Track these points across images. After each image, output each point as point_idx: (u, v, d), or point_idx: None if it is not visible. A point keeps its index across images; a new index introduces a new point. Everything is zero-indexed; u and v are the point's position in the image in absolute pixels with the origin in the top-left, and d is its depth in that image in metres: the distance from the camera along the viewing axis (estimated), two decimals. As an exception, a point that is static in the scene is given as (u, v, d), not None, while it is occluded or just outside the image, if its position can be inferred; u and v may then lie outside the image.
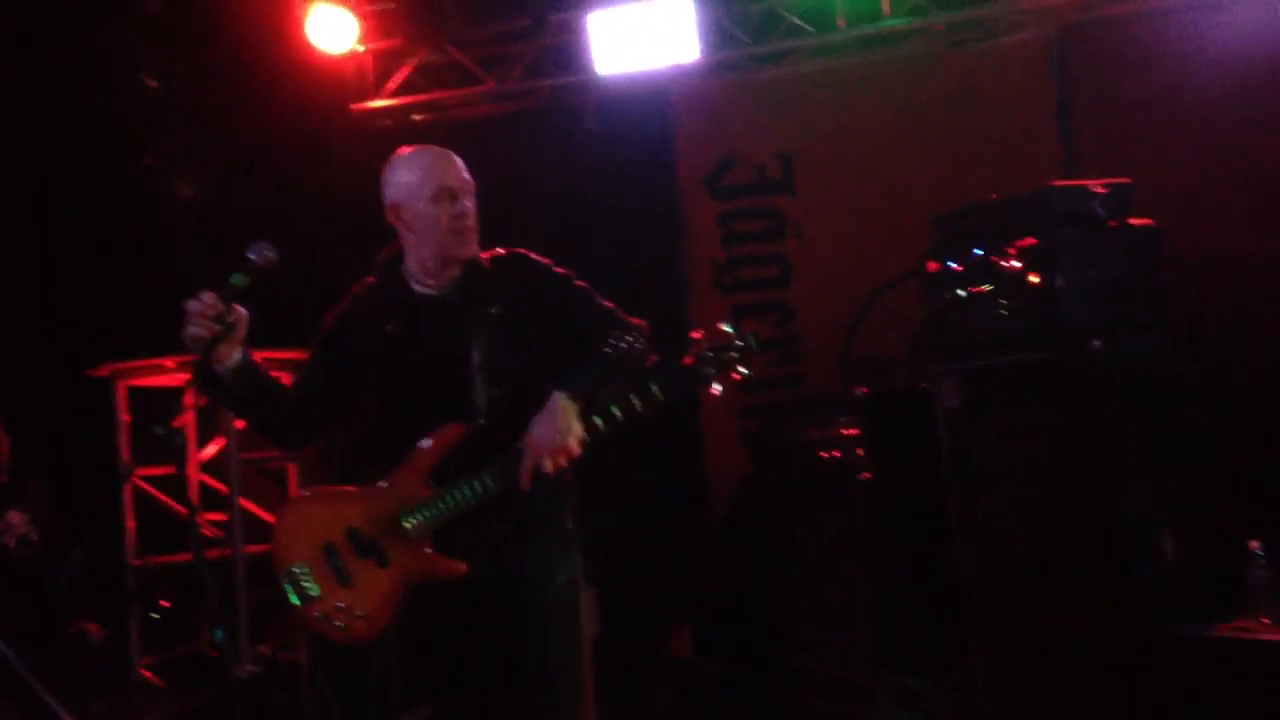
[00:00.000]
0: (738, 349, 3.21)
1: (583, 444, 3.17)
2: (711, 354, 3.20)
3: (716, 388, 3.21)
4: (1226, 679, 3.91)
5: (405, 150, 3.44)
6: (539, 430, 3.15)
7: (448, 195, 3.31)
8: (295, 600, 3.28)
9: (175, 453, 2.98)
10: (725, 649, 6.02)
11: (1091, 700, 4.32)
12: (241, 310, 3.14)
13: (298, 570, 3.28)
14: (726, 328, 3.22)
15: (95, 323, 6.86)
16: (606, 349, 3.24)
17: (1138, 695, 4.18)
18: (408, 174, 3.36)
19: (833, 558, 5.42)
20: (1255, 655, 3.87)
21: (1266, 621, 3.98)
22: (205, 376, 3.18)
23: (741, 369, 3.22)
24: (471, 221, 3.34)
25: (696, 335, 3.23)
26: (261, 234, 3.14)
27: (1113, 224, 4.51)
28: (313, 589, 3.27)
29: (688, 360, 3.20)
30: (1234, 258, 5.50)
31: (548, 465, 3.13)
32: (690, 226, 7.16)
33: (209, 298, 3.10)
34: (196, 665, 6.10)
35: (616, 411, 3.17)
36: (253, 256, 3.11)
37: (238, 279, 3.09)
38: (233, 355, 3.17)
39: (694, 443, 6.83)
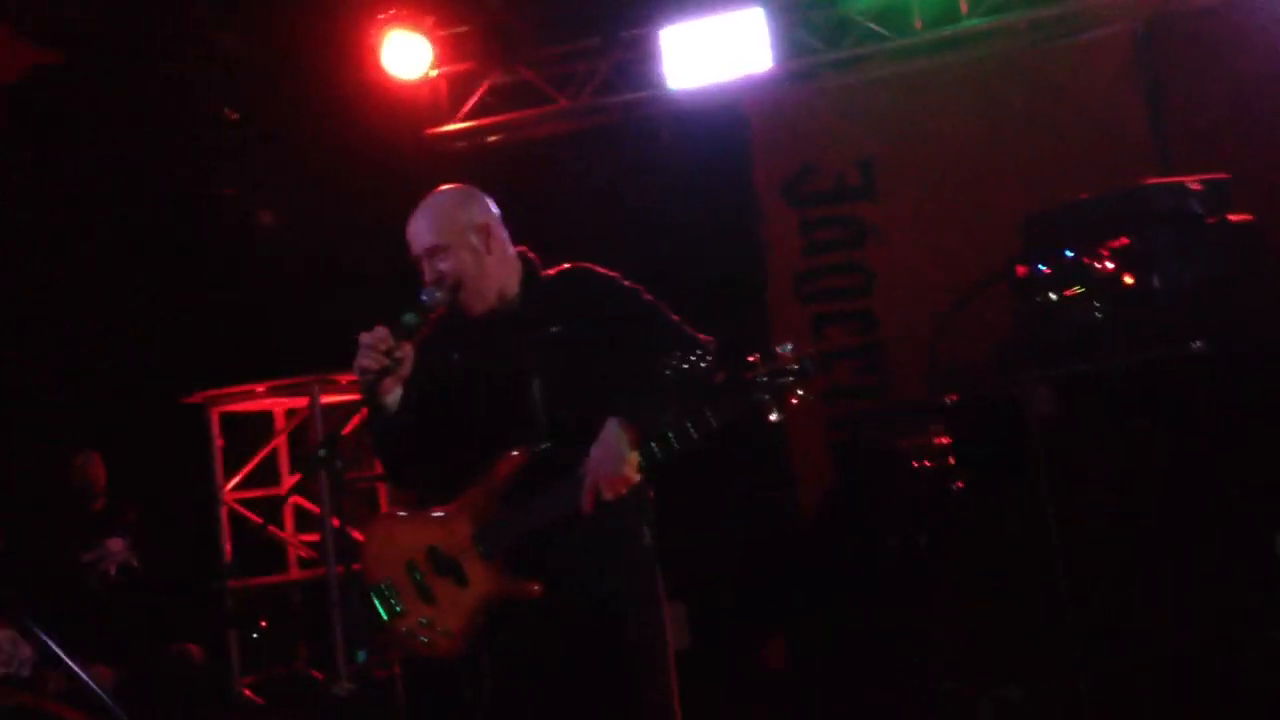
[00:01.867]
0: (794, 372, 3.13)
1: (640, 470, 3.14)
2: (765, 379, 3.13)
3: (775, 415, 3.13)
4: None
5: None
6: (596, 458, 3.15)
7: (419, 262, 3.33)
8: (383, 615, 3.32)
9: (336, 474, 3.05)
10: (818, 661, 5.93)
11: (1200, 710, 4.19)
12: (408, 347, 3.20)
13: (384, 587, 3.33)
14: (784, 349, 3.15)
15: (187, 350, 6.98)
16: (668, 370, 3.19)
17: (1248, 704, 4.04)
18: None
19: (926, 567, 5.32)
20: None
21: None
22: (371, 406, 3.24)
23: (800, 392, 3.13)
24: (448, 281, 3.27)
25: (752, 359, 3.16)
26: (343, 259, 3.15)
27: (1211, 221, 4.38)
28: (398, 605, 3.31)
29: (743, 384, 3.13)
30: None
31: (607, 493, 3.12)
32: (769, 237, 7.11)
33: (381, 332, 3.16)
34: (294, 684, 6.17)
35: (672, 439, 3.14)
36: (425, 299, 3.21)
37: (410, 319, 3.18)
38: (396, 390, 3.23)
39: (781, 453, 6.76)
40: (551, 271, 3.43)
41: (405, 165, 7.03)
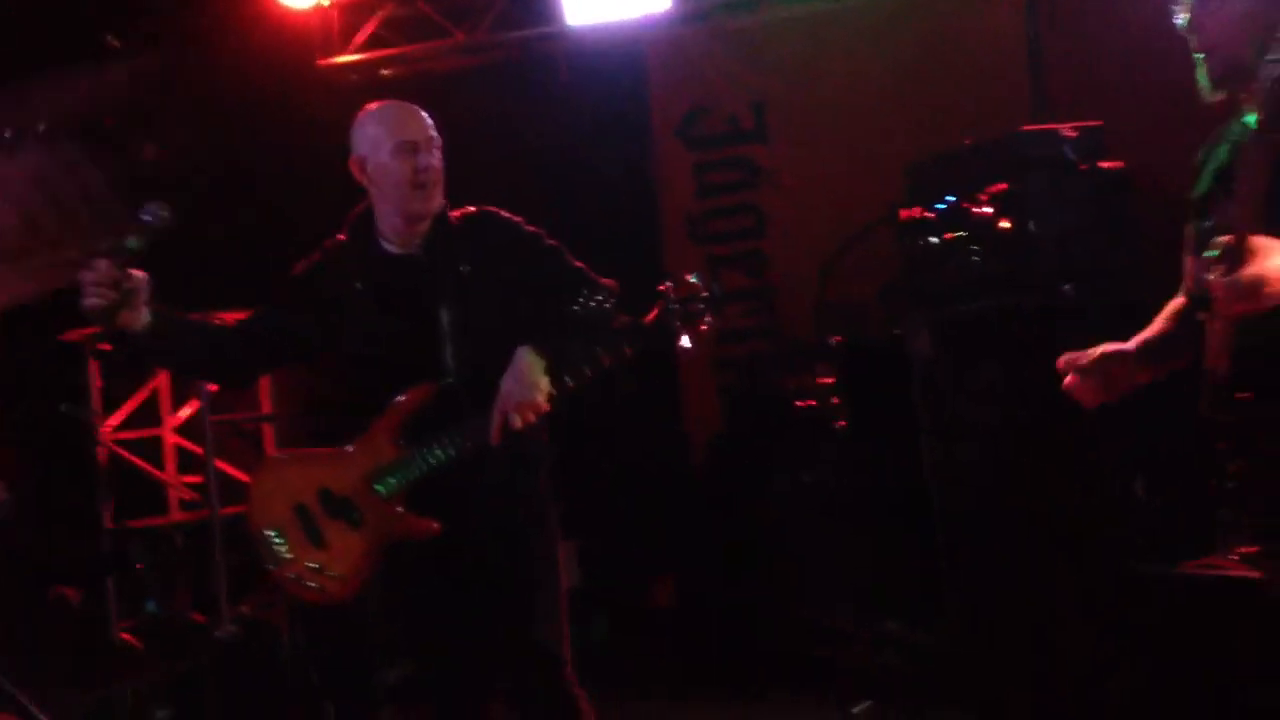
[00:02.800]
0: (704, 299, 3.21)
1: (551, 399, 3.17)
2: (678, 306, 3.20)
3: (685, 341, 3.21)
4: (1195, 615, 3.94)
5: (371, 106, 3.43)
6: (507, 386, 3.16)
7: (409, 149, 3.29)
8: (269, 561, 3.29)
9: (86, 425, 2.98)
10: (707, 599, 6.05)
11: (1065, 642, 4.37)
12: (139, 274, 3.09)
13: (271, 532, 3.31)
14: (692, 278, 3.22)
15: (65, 289, 6.78)
16: (575, 307, 3.23)
17: (1110, 635, 4.22)
18: (372, 128, 3.36)
19: (810, 506, 5.45)
20: (1221, 590, 3.89)
21: (1235, 558, 4.01)
22: (115, 341, 3.18)
23: (709, 319, 3.21)
24: (434, 175, 3.32)
25: (663, 288, 3.22)
26: (230, 192, 3.10)
27: (1083, 168, 4.50)
28: (286, 550, 3.29)
29: (654, 313, 3.20)
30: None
31: (516, 421, 3.14)
32: (664, 178, 7.13)
33: (103, 265, 3.04)
34: (175, 627, 6.11)
35: (585, 367, 3.18)
36: (146, 218, 3.05)
37: (131, 243, 3.04)
38: (139, 319, 3.12)
39: (672, 394, 6.83)
40: (456, 213, 3.42)
41: (296, 96, 6.89)
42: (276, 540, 3.30)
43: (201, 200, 6.81)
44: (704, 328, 3.23)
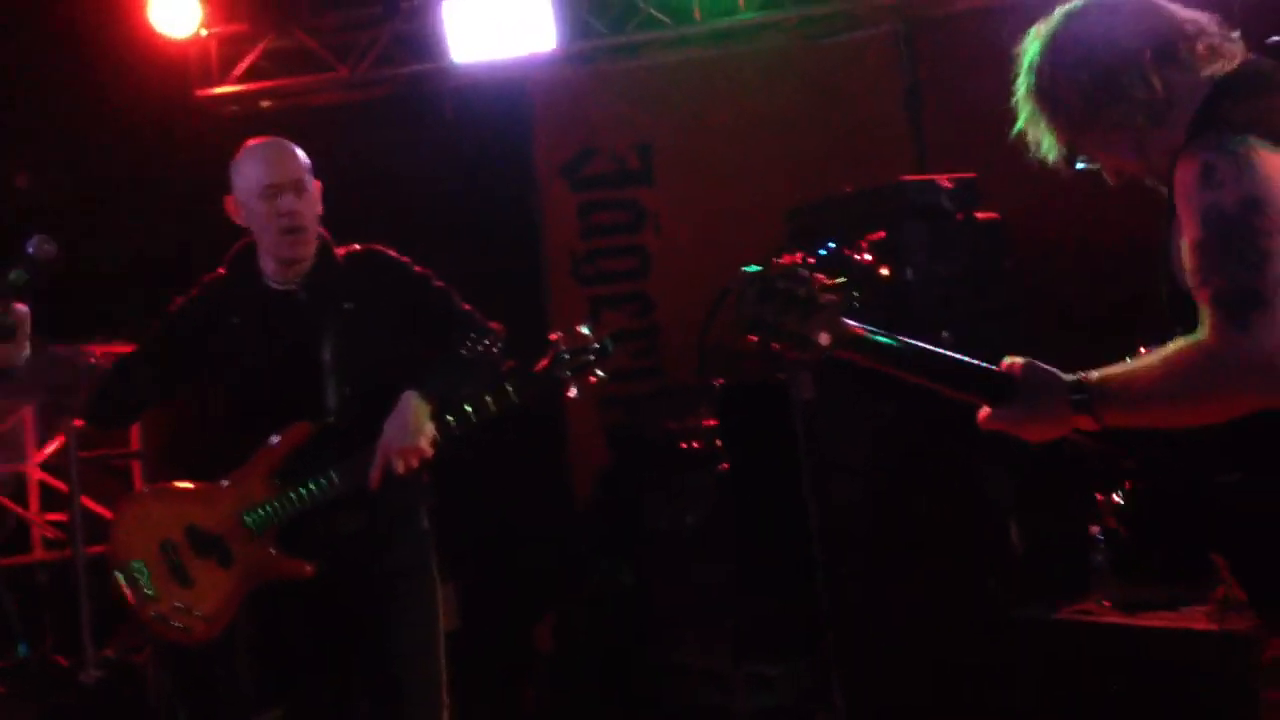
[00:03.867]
0: (595, 351, 3.21)
1: (435, 444, 3.14)
2: (568, 356, 3.19)
3: (573, 391, 3.20)
4: (1070, 659, 4.04)
5: (250, 143, 3.36)
6: (390, 430, 3.12)
7: (273, 192, 3.23)
8: (132, 599, 3.19)
9: None
10: (587, 641, 6.01)
11: (941, 683, 4.43)
12: (22, 308, 2.98)
13: (135, 567, 3.23)
14: (584, 330, 3.22)
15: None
16: (463, 351, 3.20)
17: (986, 677, 4.30)
18: (245, 168, 3.31)
19: (693, 548, 5.46)
20: (1095, 636, 4.01)
21: (1107, 604, 4.13)
22: None
23: (599, 372, 3.21)
24: (299, 220, 3.24)
25: (554, 337, 3.22)
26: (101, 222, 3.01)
27: (959, 217, 4.62)
28: (149, 588, 3.22)
29: (544, 363, 3.19)
30: (1076, 247, 5.67)
31: (399, 465, 3.11)
32: (548, 217, 7.13)
33: None
34: (39, 670, 5.87)
35: (470, 412, 3.15)
36: (31, 251, 2.93)
37: (16, 276, 2.91)
38: (20, 354, 3.00)
39: (556, 433, 6.81)
40: (342, 251, 3.37)
41: (172, 127, 6.75)
42: (140, 577, 3.21)
43: (78, 231, 6.63)
44: (593, 380, 3.22)
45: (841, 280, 4.65)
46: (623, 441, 6.17)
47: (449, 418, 3.15)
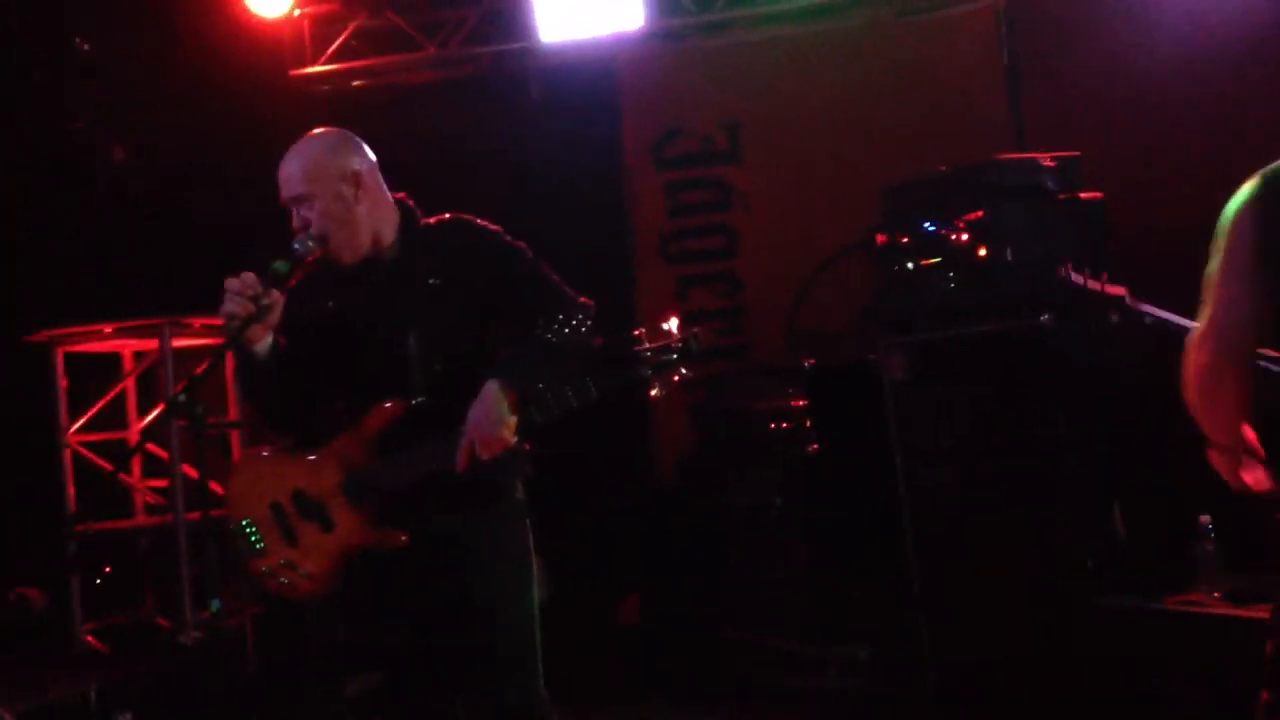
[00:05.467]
0: (679, 351, 3.16)
1: (516, 432, 3.14)
2: (650, 354, 3.15)
3: (656, 390, 3.15)
4: (1175, 650, 3.95)
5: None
6: (473, 418, 3.13)
7: (290, 206, 3.26)
8: (244, 553, 3.31)
9: (197, 419, 2.97)
10: (673, 618, 6.01)
11: (1036, 670, 4.36)
12: (277, 294, 3.14)
13: (246, 525, 3.30)
14: (670, 327, 3.17)
15: (33, 287, 6.70)
16: (549, 335, 3.18)
17: (1083, 666, 4.22)
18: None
19: (780, 528, 5.42)
20: (1204, 627, 3.90)
21: (1217, 595, 4.02)
22: (237, 352, 3.17)
23: (683, 371, 3.16)
24: (318, 230, 3.21)
25: (639, 333, 3.17)
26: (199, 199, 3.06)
27: (1061, 197, 4.52)
28: (260, 543, 3.29)
29: (627, 358, 3.15)
30: (1179, 231, 5.53)
31: (483, 454, 3.11)
32: (635, 196, 7.11)
33: (249, 278, 3.09)
34: (139, 632, 6.03)
35: (552, 405, 3.14)
36: (297, 247, 3.15)
37: (280, 265, 3.11)
38: (265, 338, 3.17)
39: (641, 412, 6.79)
40: (431, 221, 3.37)
41: (267, 106, 6.82)
42: (252, 534, 3.30)
43: (174, 208, 6.76)
44: (676, 379, 3.18)
45: (937, 260, 4.60)
46: (708, 420, 6.14)
47: (531, 409, 3.15)
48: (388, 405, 3.22)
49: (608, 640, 6.08)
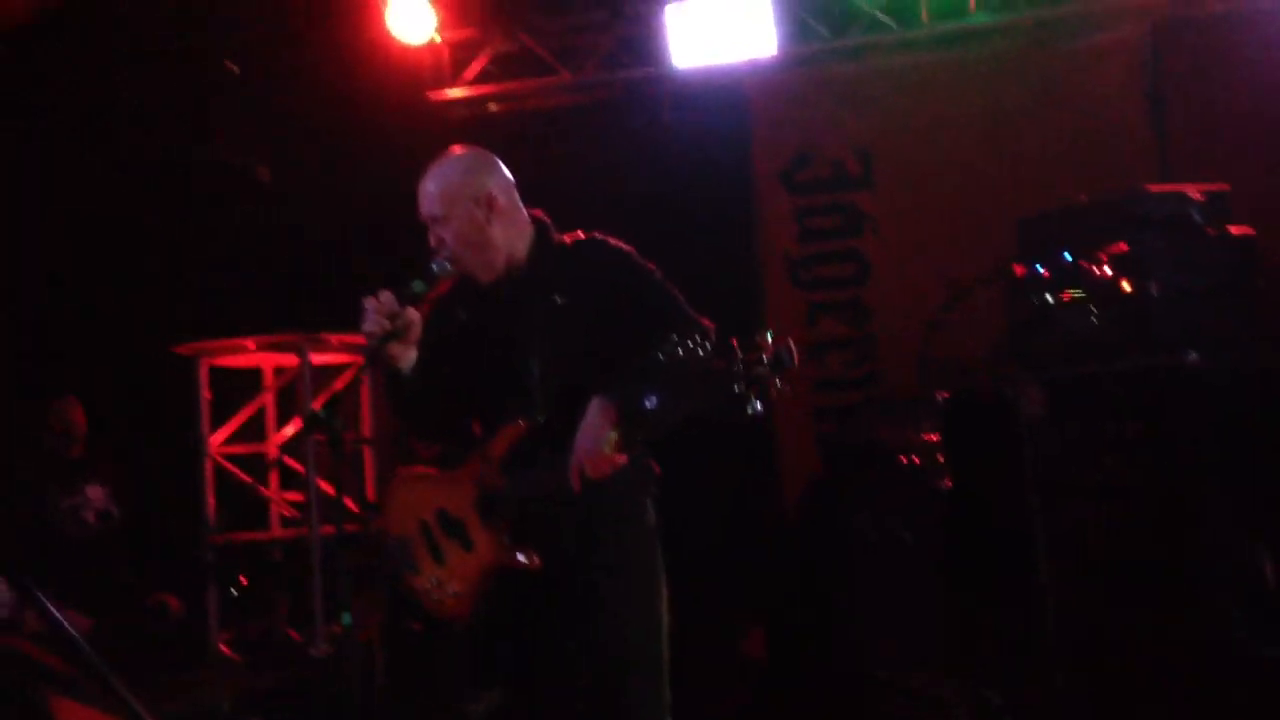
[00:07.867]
0: (770, 363, 3.04)
1: (620, 450, 3.12)
2: (741, 368, 3.05)
3: (758, 406, 3.05)
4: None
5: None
6: (580, 439, 3.13)
7: (427, 225, 3.32)
8: (404, 568, 3.37)
9: (335, 434, 3.05)
10: (799, 652, 5.94)
11: (1174, 716, 4.22)
12: (414, 313, 3.21)
13: (402, 544, 3.38)
14: (762, 337, 3.09)
15: (180, 302, 6.95)
16: (661, 354, 3.15)
17: (1220, 710, 4.08)
18: None
19: (910, 564, 5.34)
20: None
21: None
22: (384, 370, 3.26)
23: (778, 383, 3.06)
24: (451, 250, 3.27)
25: (733, 342, 3.10)
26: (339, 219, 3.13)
27: (1211, 231, 4.39)
28: (414, 562, 3.36)
29: (720, 373, 3.07)
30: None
31: (590, 472, 3.12)
32: (765, 221, 7.09)
33: (386, 296, 3.16)
34: (271, 642, 6.17)
35: (656, 425, 3.11)
36: (434, 267, 3.23)
37: (418, 285, 3.19)
38: (408, 355, 3.23)
39: (766, 441, 6.76)
40: (566, 238, 3.41)
41: (404, 128, 6.98)
42: (408, 552, 3.37)
43: (319, 226, 6.95)
44: (774, 393, 3.09)
45: (1078, 294, 4.50)
46: (836, 452, 6.08)
47: (634, 428, 3.13)
48: (515, 424, 3.25)
49: (732, 673, 6.03)
